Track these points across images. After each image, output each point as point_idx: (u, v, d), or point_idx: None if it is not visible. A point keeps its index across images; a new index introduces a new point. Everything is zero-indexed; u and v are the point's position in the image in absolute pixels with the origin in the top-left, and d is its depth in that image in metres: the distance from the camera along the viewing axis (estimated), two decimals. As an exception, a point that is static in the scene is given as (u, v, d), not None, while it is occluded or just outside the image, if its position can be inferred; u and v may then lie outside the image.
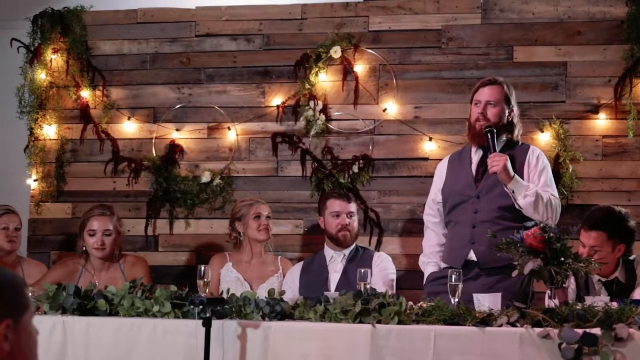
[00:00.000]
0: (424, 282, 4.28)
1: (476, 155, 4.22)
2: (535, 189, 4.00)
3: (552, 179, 4.17)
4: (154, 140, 5.29)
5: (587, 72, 4.93)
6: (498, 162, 3.97)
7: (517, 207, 4.02)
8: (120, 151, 5.31)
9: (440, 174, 4.35)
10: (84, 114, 5.34)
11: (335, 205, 4.57)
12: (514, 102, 4.20)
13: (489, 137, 4.06)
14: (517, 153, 4.15)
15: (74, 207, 5.32)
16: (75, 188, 5.34)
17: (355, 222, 4.58)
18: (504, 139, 4.18)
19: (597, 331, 3.05)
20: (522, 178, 4.07)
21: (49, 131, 5.35)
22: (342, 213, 4.54)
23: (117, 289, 3.60)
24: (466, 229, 4.13)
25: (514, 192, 3.99)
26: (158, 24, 5.37)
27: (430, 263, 4.29)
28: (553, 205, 4.03)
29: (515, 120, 4.20)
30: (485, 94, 4.17)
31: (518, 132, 4.22)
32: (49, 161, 5.34)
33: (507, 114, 4.17)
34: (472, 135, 4.20)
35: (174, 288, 3.55)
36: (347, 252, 4.55)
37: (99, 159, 5.34)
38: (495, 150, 4.04)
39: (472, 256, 4.08)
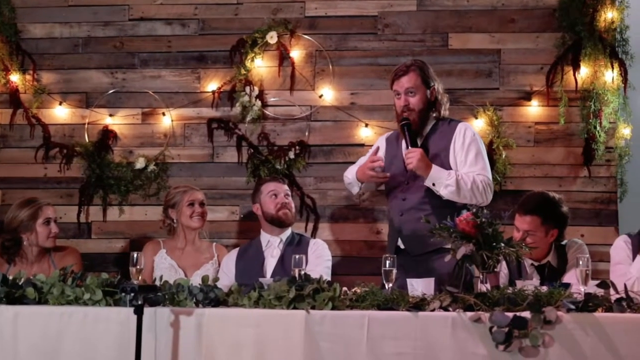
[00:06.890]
0: None
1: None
2: (455, 176, 3.99)
3: (481, 153, 4.11)
4: (86, 126, 5.19)
5: (520, 60, 4.99)
6: (411, 157, 3.99)
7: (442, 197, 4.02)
8: (52, 136, 5.20)
9: (380, 146, 4.28)
10: (13, 99, 5.21)
11: (270, 186, 4.55)
12: (432, 80, 4.16)
13: (405, 130, 4.07)
14: (444, 132, 4.15)
15: (2, 194, 5.19)
16: (4, 174, 5.22)
17: (292, 203, 4.56)
18: (432, 118, 4.16)
19: (526, 314, 3.10)
20: (448, 157, 4.08)
21: (-23, 116, 5.22)
22: (280, 192, 4.52)
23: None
24: (396, 216, 4.16)
25: (434, 184, 4.00)
26: (90, 7, 5.26)
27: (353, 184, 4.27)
28: (479, 187, 4.00)
29: (439, 97, 4.17)
30: (403, 83, 4.13)
31: (444, 108, 4.20)
32: (-23, 147, 5.22)
33: (428, 95, 4.15)
34: (399, 127, 4.19)
35: (105, 275, 3.49)
36: (283, 237, 4.53)
37: (29, 144, 5.22)
38: (410, 145, 4.04)
39: (401, 244, 4.11)
